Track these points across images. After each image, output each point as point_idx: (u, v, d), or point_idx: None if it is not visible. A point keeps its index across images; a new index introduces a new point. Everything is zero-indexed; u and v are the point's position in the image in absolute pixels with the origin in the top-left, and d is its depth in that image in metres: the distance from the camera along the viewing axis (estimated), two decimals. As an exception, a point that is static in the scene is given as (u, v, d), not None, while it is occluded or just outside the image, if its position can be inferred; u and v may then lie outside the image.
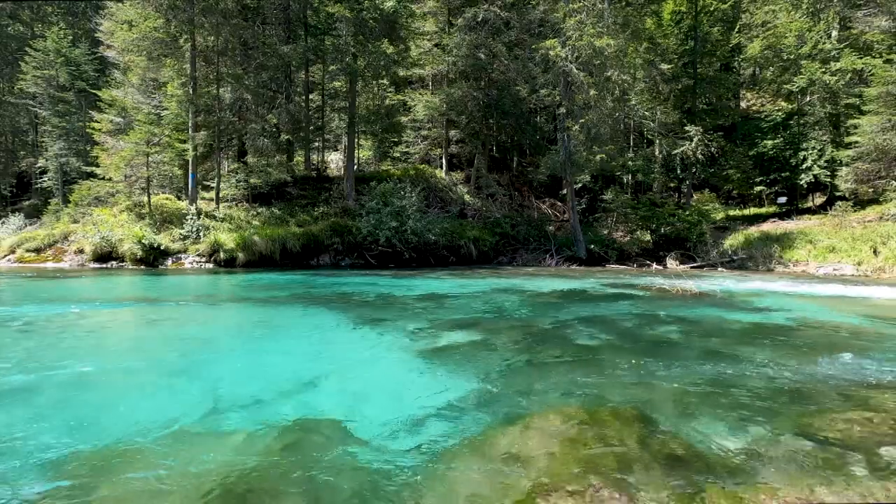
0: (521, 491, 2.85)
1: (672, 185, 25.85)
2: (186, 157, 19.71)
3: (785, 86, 22.95)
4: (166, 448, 3.38)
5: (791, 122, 23.01)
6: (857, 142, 18.78)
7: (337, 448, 3.42)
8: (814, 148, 21.63)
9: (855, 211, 19.51)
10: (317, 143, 25.06)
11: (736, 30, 25.43)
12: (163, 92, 20.11)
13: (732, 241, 20.22)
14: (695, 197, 23.91)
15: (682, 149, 21.42)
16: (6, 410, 4.04)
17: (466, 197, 24.60)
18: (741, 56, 26.95)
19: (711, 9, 24.54)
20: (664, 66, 22.36)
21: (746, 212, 25.83)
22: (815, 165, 21.44)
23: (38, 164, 28.78)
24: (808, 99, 22.65)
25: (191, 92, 19.26)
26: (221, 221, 18.75)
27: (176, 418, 3.87)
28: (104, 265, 16.94)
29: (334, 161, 27.59)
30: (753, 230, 20.91)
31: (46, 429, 3.68)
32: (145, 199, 19.61)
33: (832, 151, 20.90)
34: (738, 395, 4.42)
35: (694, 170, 23.01)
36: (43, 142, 29.31)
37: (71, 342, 6.61)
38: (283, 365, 5.64)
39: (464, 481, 3.00)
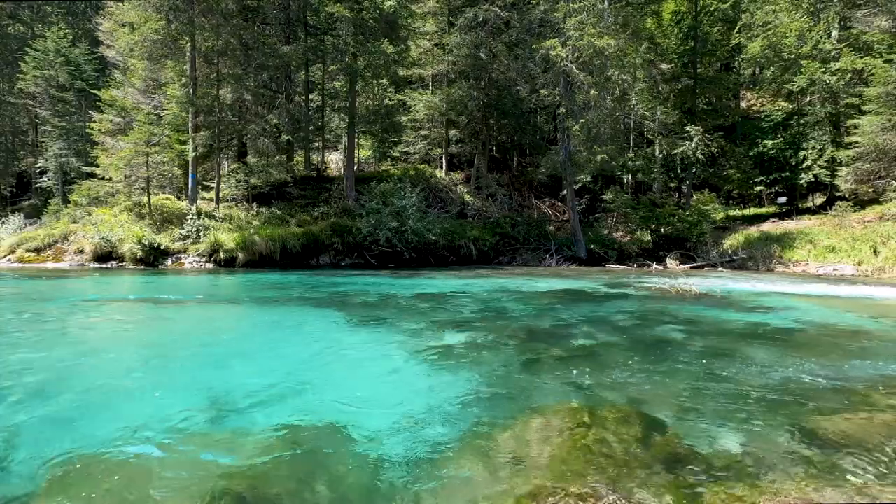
0: (522, 491, 2.85)
1: (672, 185, 25.84)
2: (186, 157, 19.71)
3: (785, 86, 22.93)
4: (164, 448, 3.38)
5: (791, 121, 23.00)
6: (857, 142, 18.78)
7: (336, 448, 3.42)
8: (814, 148, 21.62)
9: (855, 211, 19.49)
10: (317, 143, 25.05)
11: (736, 30, 25.42)
12: (163, 92, 20.11)
13: (732, 241, 20.21)
14: (695, 197, 23.90)
15: (682, 149, 21.42)
16: (4, 408, 4.04)
17: (466, 197, 24.59)
18: (741, 56, 26.94)
19: (711, 9, 24.53)
20: (664, 66, 22.35)
21: (746, 212, 25.83)
22: (815, 165, 21.43)
23: (38, 164, 28.79)
24: (808, 99, 22.64)
25: (191, 92, 19.25)
26: (221, 221, 18.74)
27: (174, 418, 3.87)
28: (104, 265, 16.94)
29: (334, 161, 27.59)
30: (753, 230, 20.91)
31: (43, 428, 3.68)
32: (145, 199, 19.60)
33: (832, 151, 20.89)
34: (738, 394, 4.42)
35: (694, 170, 23.01)
36: (43, 142, 29.32)
37: (68, 341, 6.61)
38: (283, 365, 5.63)
39: (464, 482, 2.99)
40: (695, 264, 19.70)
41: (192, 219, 18.17)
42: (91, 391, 4.61)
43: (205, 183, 22.22)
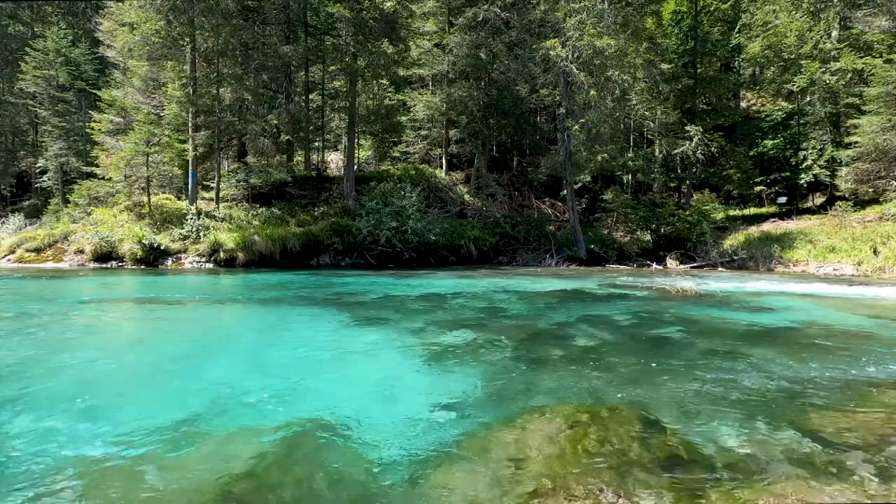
0: (522, 492, 2.85)
1: (672, 185, 25.85)
2: (186, 157, 19.71)
3: (785, 86, 22.93)
4: (162, 448, 3.38)
5: (791, 121, 23.01)
6: (857, 142, 18.78)
7: (336, 448, 3.42)
8: (814, 148, 21.63)
9: (855, 211, 19.49)
10: (317, 143, 25.05)
11: (736, 30, 25.42)
12: (163, 92, 20.10)
13: (732, 241, 20.21)
14: (695, 197, 23.92)
15: (682, 149, 21.42)
16: (5, 408, 4.04)
17: (466, 197, 24.59)
18: (741, 56, 26.93)
19: (711, 9, 24.54)
20: (664, 66, 22.35)
21: (746, 212, 25.82)
22: (815, 165, 21.43)
23: (38, 164, 28.77)
24: (808, 99, 22.64)
25: (191, 92, 19.25)
26: (221, 221, 18.74)
27: (175, 418, 3.87)
28: (104, 265, 16.94)
29: (334, 161, 27.59)
30: (753, 230, 20.90)
31: (39, 428, 3.68)
32: (145, 199, 19.60)
33: (832, 151, 20.89)
34: (737, 394, 4.42)
35: (694, 170, 23.02)
36: (43, 142, 29.30)
37: (65, 341, 6.61)
38: (283, 365, 5.63)
39: (464, 482, 2.99)
40: (695, 264, 19.69)
41: (192, 219, 18.17)
42: (88, 391, 4.61)
43: (205, 183, 22.22)
